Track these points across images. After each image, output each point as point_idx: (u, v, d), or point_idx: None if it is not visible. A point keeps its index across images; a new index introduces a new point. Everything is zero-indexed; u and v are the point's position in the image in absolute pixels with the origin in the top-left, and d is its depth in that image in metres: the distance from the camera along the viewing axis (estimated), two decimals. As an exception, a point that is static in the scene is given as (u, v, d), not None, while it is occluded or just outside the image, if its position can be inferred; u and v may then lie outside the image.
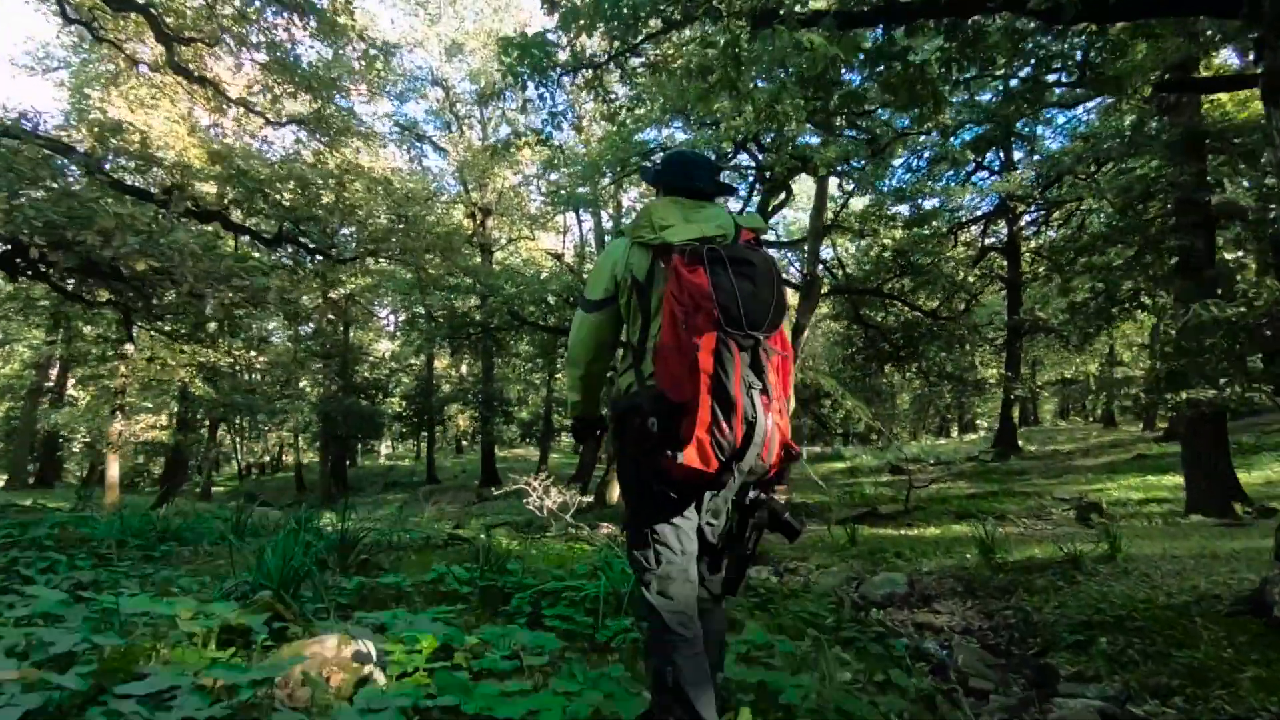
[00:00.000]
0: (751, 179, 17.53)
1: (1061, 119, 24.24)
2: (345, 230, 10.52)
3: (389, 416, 30.63)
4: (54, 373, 20.82)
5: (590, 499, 16.13)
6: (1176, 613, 4.61)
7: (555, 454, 31.85)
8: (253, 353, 10.78)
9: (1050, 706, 3.59)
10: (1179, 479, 14.03)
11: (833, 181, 15.34)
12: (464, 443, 47.05)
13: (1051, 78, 19.58)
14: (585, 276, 18.46)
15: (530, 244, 25.58)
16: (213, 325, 11.55)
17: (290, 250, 9.54)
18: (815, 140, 12.66)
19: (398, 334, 31.53)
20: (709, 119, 10.74)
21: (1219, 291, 8.71)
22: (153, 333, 10.13)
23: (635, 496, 2.08)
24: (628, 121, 11.88)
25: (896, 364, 22.86)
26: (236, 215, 9.31)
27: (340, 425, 25.16)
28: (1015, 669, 4.59)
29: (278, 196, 8.35)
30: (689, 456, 1.75)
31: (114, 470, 13.01)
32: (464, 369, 33.85)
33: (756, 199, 17.35)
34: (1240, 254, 11.40)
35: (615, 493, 13.26)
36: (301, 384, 27.03)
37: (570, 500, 8.91)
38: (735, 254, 1.91)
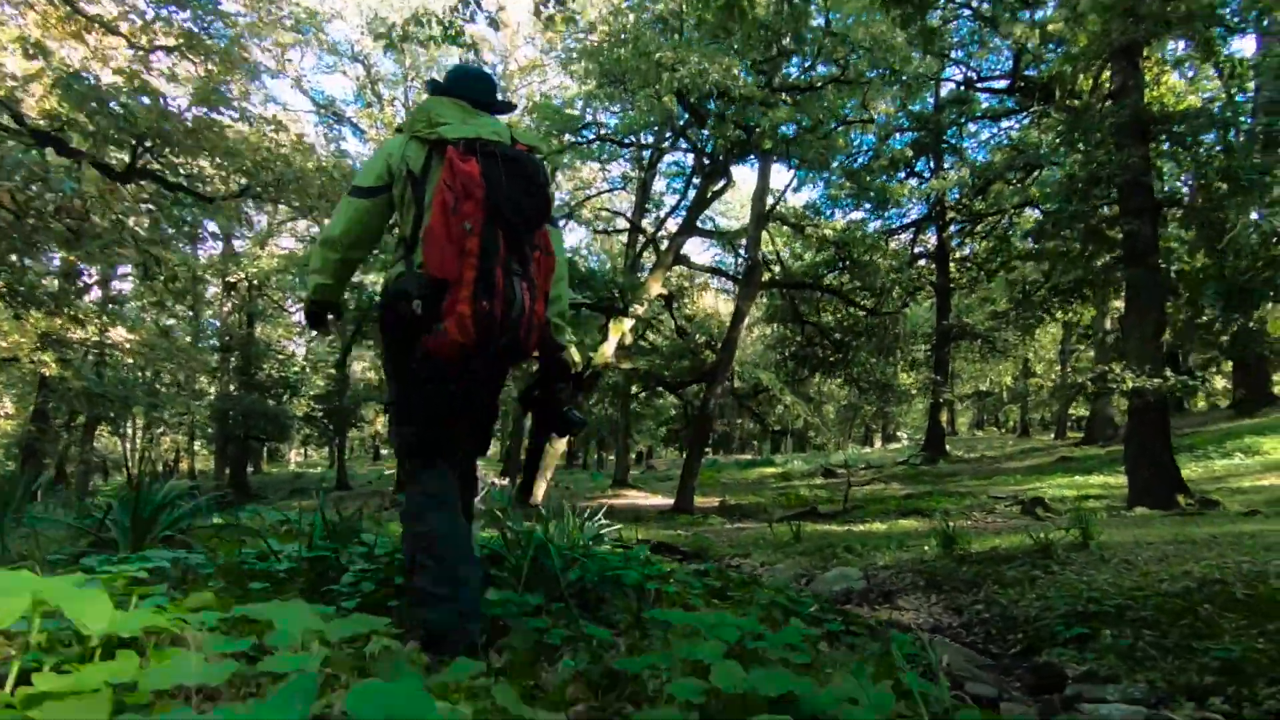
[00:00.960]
0: (690, 168, 16.92)
1: (986, 134, 25.07)
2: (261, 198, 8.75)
3: (297, 418, 28.33)
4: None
5: (514, 487, 14.90)
6: (1181, 600, 4.04)
7: (481, 461, 30.21)
8: (114, 326, 8.96)
9: (1078, 714, 2.88)
10: (1106, 478, 14.16)
11: (774, 174, 14.87)
12: (382, 451, 44.61)
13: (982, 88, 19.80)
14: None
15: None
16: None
17: (152, 191, 7.83)
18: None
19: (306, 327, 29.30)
20: (648, 81, 9.95)
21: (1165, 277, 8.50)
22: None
23: (399, 387, 2.11)
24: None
25: (827, 370, 22.70)
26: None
27: (240, 425, 22.98)
28: (1007, 670, 3.90)
29: (121, 111, 6.73)
30: (450, 328, 1.88)
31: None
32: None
33: (693, 192, 16.75)
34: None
35: (543, 488, 12.08)
36: (200, 382, 24.64)
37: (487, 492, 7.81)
38: (507, 152, 2.05)
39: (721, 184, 13.38)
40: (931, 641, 4.31)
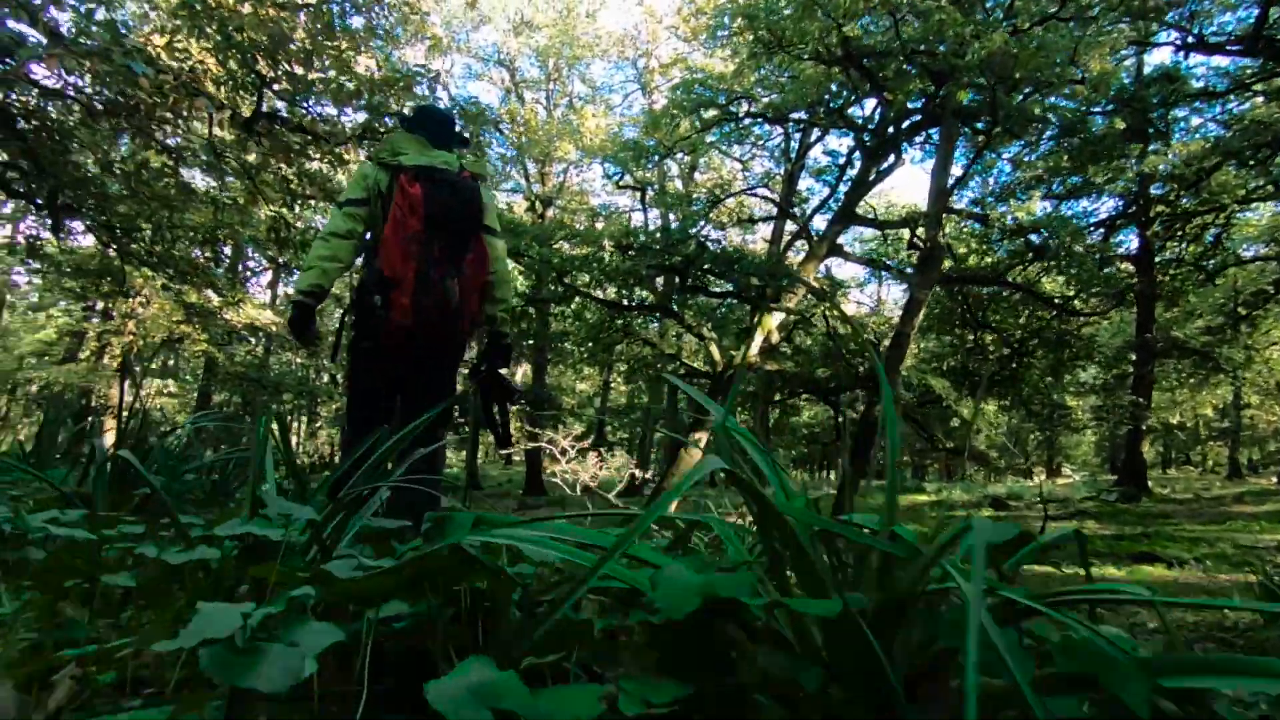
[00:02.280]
0: (844, 155, 15.27)
1: (1196, 120, 21.17)
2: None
3: (434, 417, 28.98)
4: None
5: (647, 475, 13.73)
6: None
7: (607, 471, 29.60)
8: (259, 309, 8.80)
9: None
10: None
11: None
12: (515, 457, 45.42)
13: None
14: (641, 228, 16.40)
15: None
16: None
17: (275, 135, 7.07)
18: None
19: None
20: (815, 39, 8.57)
21: None
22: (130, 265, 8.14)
23: (353, 362, 2.74)
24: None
25: (991, 389, 19.90)
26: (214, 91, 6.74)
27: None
28: None
29: (241, 36, 5.98)
30: (395, 316, 2.53)
31: (108, 441, 11.33)
32: (521, 372, 32.29)
33: (846, 184, 15.03)
34: None
35: (675, 502, 10.76)
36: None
37: (619, 473, 6.66)
38: (446, 178, 2.67)
39: (889, 162, 11.69)
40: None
